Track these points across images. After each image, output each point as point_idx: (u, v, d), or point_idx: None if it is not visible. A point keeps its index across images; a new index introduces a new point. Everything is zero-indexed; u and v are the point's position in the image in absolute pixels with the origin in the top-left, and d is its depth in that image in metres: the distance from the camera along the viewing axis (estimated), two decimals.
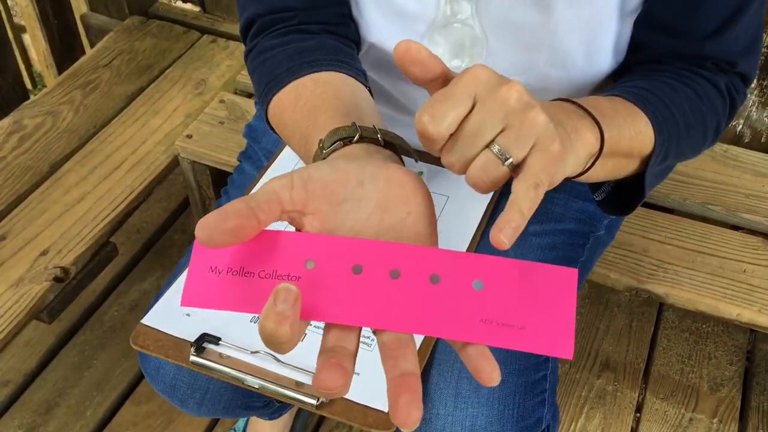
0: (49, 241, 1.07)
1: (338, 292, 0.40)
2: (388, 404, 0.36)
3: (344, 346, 0.37)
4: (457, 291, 0.40)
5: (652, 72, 0.62)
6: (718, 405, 1.29)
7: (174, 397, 0.72)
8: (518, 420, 0.64)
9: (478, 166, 0.40)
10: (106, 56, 1.41)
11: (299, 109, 0.54)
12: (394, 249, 0.41)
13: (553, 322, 0.40)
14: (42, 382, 1.30)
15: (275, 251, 0.41)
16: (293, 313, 0.35)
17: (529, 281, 0.40)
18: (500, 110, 0.39)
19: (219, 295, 0.41)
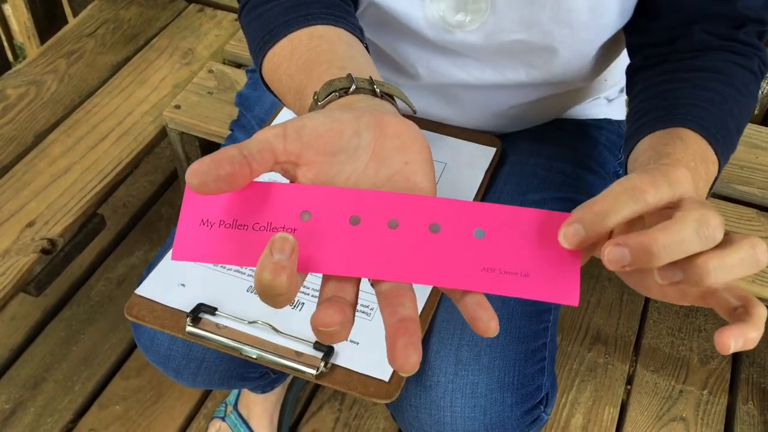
0: (36, 213, 1.05)
1: (336, 244, 0.39)
2: (387, 350, 0.35)
3: (342, 296, 0.36)
4: (458, 240, 0.39)
5: (695, 71, 0.61)
6: (708, 377, 1.30)
7: (169, 368, 0.71)
8: (518, 387, 0.64)
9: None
10: (90, 25, 1.37)
11: (294, 63, 0.52)
12: (392, 199, 0.40)
13: (558, 269, 0.39)
14: (29, 356, 1.28)
15: (269, 203, 0.40)
16: (290, 264, 0.34)
17: (532, 228, 0.40)
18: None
19: (211, 248, 0.40)
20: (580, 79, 0.73)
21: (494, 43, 0.66)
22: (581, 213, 0.38)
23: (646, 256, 0.36)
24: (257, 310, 0.62)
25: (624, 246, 0.36)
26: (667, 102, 0.59)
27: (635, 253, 0.36)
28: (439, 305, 0.66)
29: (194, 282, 0.64)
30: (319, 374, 0.57)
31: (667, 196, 0.38)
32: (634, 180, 0.37)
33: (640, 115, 0.59)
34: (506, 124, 0.81)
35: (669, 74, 0.62)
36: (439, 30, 0.65)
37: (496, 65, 0.69)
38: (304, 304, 0.63)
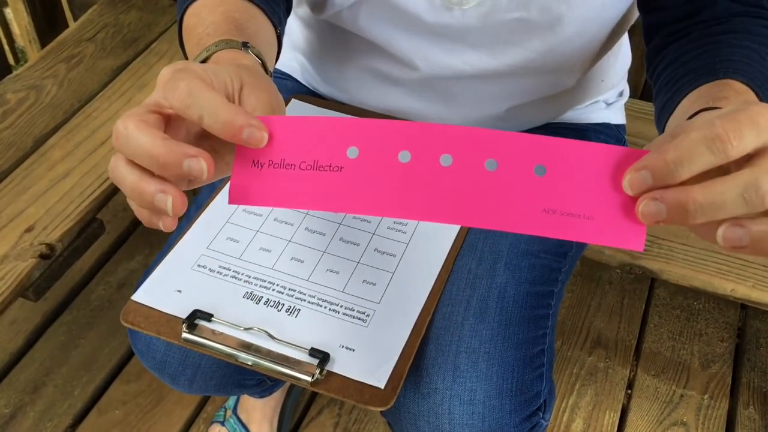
0: (35, 218, 1.05)
1: (385, 183, 0.37)
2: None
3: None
4: (517, 178, 0.37)
5: (726, 33, 0.59)
6: (708, 381, 1.30)
7: (165, 374, 0.71)
8: (517, 394, 0.64)
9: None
10: (90, 29, 1.37)
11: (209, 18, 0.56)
12: (445, 132, 0.37)
13: (624, 211, 0.36)
14: (29, 361, 1.29)
15: (316, 139, 0.39)
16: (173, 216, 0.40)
17: (599, 166, 0.37)
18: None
19: (263, 191, 0.39)
20: (578, 67, 0.73)
21: (492, 23, 0.65)
22: (652, 160, 0.36)
23: (682, 214, 0.34)
24: (253, 316, 0.62)
25: (661, 201, 0.35)
26: (705, 61, 0.57)
27: (671, 210, 0.35)
28: (436, 312, 0.65)
29: (190, 288, 0.64)
30: (314, 381, 0.57)
31: (753, 146, 0.35)
32: (717, 127, 0.35)
33: (677, 79, 0.57)
34: (504, 126, 0.80)
35: (699, 40, 0.60)
36: (438, 9, 0.65)
37: (493, 51, 0.68)
38: (300, 310, 0.62)
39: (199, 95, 0.40)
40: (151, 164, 0.39)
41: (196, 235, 0.69)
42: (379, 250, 0.68)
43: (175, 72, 0.41)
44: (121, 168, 0.40)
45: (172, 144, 0.39)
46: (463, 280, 0.67)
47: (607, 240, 0.37)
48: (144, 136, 0.39)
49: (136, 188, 0.40)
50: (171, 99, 0.40)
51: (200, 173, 0.39)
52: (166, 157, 0.38)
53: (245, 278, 0.65)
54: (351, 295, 0.64)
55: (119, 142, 0.40)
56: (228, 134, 0.40)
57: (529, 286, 0.68)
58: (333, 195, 0.39)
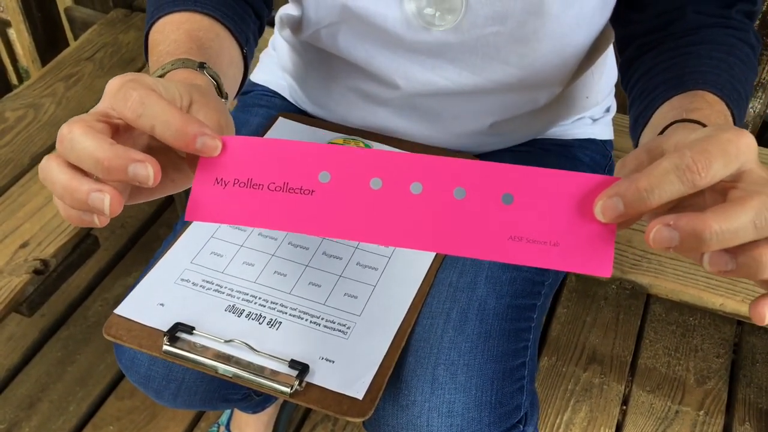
0: (29, 234, 1.06)
1: (356, 208, 0.38)
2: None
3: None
4: (484, 206, 0.37)
5: (695, 45, 0.60)
6: (704, 397, 1.29)
7: (149, 389, 0.71)
8: (496, 406, 0.64)
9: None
10: (89, 49, 1.39)
11: (174, 33, 0.57)
12: (415, 160, 0.38)
13: (590, 237, 0.37)
14: (25, 377, 1.29)
15: (286, 162, 0.39)
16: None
17: (565, 194, 0.37)
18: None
19: (225, 208, 0.39)
20: (557, 82, 0.73)
21: (470, 39, 0.66)
22: (623, 188, 0.36)
23: (696, 242, 0.34)
24: (235, 329, 0.62)
25: (674, 228, 0.35)
26: (675, 72, 0.58)
27: (685, 237, 0.34)
28: (417, 324, 0.66)
29: (173, 301, 0.65)
30: (293, 393, 0.58)
31: (720, 176, 0.36)
32: (687, 158, 0.35)
33: (650, 91, 0.58)
34: (488, 143, 0.81)
35: (670, 52, 0.61)
36: (416, 29, 0.66)
37: (472, 67, 0.69)
38: (281, 323, 0.63)
39: (150, 104, 0.39)
40: (96, 168, 0.38)
41: (180, 249, 0.70)
42: (361, 264, 0.68)
43: (126, 82, 0.41)
44: (53, 167, 0.39)
45: (118, 148, 0.38)
46: (444, 292, 0.68)
47: (573, 266, 0.37)
48: (89, 140, 0.38)
49: (67, 187, 0.39)
50: (122, 108, 0.40)
51: (146, 179, 0.38)
52: (111, 161, 0.38)
53: (228, 292, 0.66)
54: (332, 307, 0.65)
55: (63, 146, 0.39)
56: (181, 143, 0.39)
57: (510, 299, 0.69)
58: (302, 217, 0.40)
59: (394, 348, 0.62)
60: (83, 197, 0.38)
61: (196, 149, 0.40)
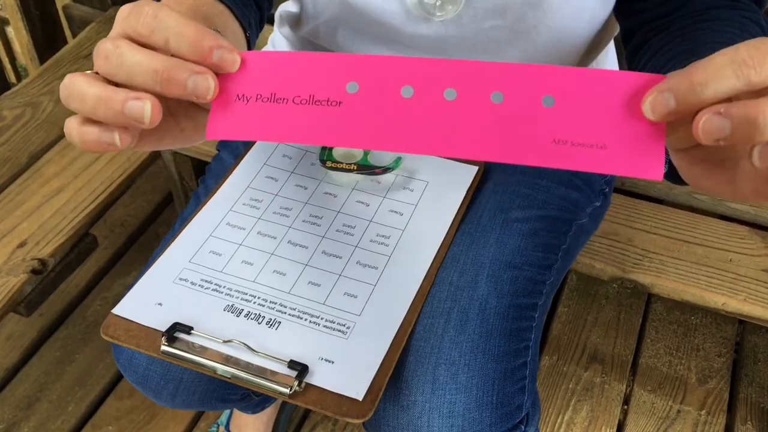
0: (27, 233, 1.05)
1: (387, 117, 0.36)
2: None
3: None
4: (524, 109, 0.35)
5: (707, 22, 0.59)
6: (706, 397, 1.29)
7: (147, 389, 0.71)
8: (497, 407, 0.63)
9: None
10: (87, 47, 1.39)
11: None
12: (448, 65, 0.36)
13: (639, 138, 0.35)
14: (23, 377, 1.29)
15: (311, 74, 0.37)
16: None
17: (610, 94, 0.35)
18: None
19: (248, 124, 0.37)
20: None
21: (469, 33, 0.65)
22: (675, 81, 0.34)
23: (750, 129, 0.32)
24: (233, 329, 0.62)
25: (725, 116, 0.33)
26: (689, 45, 0.56)
27: (737, 126, 0.33)
28: (417, 323, 0.65)
29: (171, 301, 0.64)
30: (292, 393, 0.57)
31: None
32: (742, 52, 0.34)
33: (662, 65, 0.57)
34: None
35: (681, 30, 0.59)
36: (415, 20, 0.65)
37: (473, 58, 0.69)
38: (280, 323, 0.62)
39: (164, 17, 0.37)
40: (154, 79, 0.36)
41: (179, 248, 0.69)
42: (361, 263, 0.68)
43: (138, 2, 0.39)
44: (81, 81, 0.37)
45: (174, 59, 0.37)
46: (445, 292, 0.67)
47: (622, 169, 0.35)
48: (141, 53, 0.37)
49: (101, 96, 0.36)
50: (134, 25, 0.38)
51: (206, 91, 0.37)
52: (170, 72, 0.36)
53: (227, 291, 0.65)
54: (332, 307, 0.64)
55: (110, 62, 0.37)
56: (197, 55, 0.37)
57: (511, 298, 0.68)
58: (331, 129, 0.38)
59: (394, 348, 0.61)
60: (119, 106, 0.36)
61: (213, 63, 0.38)
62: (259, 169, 0.76)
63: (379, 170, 0.74)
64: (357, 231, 0.70)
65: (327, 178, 0.75)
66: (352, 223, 0.71)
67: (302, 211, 0.72)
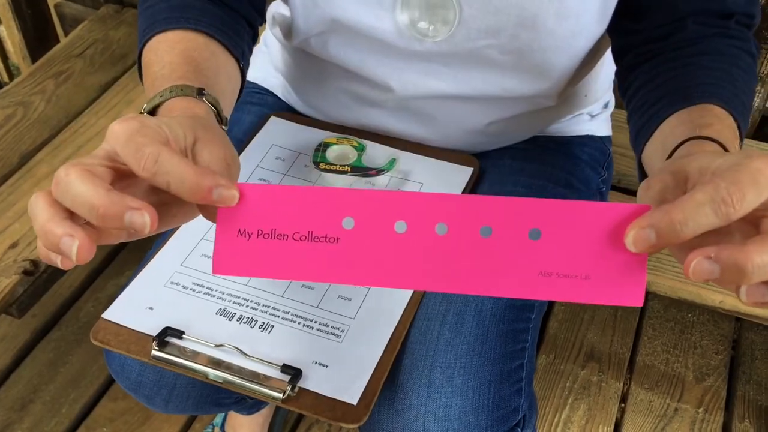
0: (19, 234, 1.04)
1: (383, 253, 0.38)
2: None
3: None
4: (512, 243, 0.37)
5: (697, 55, 0.60)
6: (703, 394, 1.28)
7: (140, 394, 0.70)
8: (493, 409, 0.63)
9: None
10: (79, 45, 1.37)
11: (167, 56, 0.56)
12: (438, 200, 0.38)
13: (621, 268, 0.37)
14: (17, 378, 1.28)
15: (308, 209, 0.38)
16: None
17: (593, 225, 0.37)
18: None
19: (251, 261, 0.39)
20: (554, 91, 0.72)
21: (463, 50, 0.65)
22: (656, 219, 0.36)
23: (738, 274, 0.34)
24: (225, 333, 0.61)
25: (715, 261, 0.34)
26: (679, 85, 0.57)
27: (726, 270, 0.34)
28: (412, 326, 0.64)
29: (162, 305, 0.63)
30: (285, 398, 0.56)
31: (753, 206, 0.36)
32: (722, 190, 0.35)
33: (652, 103, 0.58)
34: (485, 142, 0.80)
35: (671, 62, 0.60)
36: (408, 40, 0.65)
37: (468, 73, 0.68)
38: (273, 326, 0.62)
39: (164, 162, 0.38)
40: (91, 214, 0.37)
41: (170, 252, 0.68)
42: None
43: (134, 133, 0.40)
44: (38, 203, 0.39)
45: (114, 195, 0.37)
46: (440, 294, 0.66)
47: (605, 298, 0.37)
48: (85, 185, 0.37)
49: (43, 227, 0.38)
50: (134, 165, 0.39)
51: (142, 227, 0.37)
52: (107, 209, 0.37)
53: (219, 295, 0.64)
54: (326, 310, 0.63)
55: (58, 189, 0.38)
56: (197, 197, 0.39)
57: (507, 299, 0.67)
58: (330, 266, 0.40)
59: (388, 352, 0.60)
60: (55, 240, 0.37)
61: (214, 201, 0.39)
62: (251, 171, 0.75)
63: (373, 172, 0.73)
64: None
65: (320, 180, 0.74)
66: None
67: None
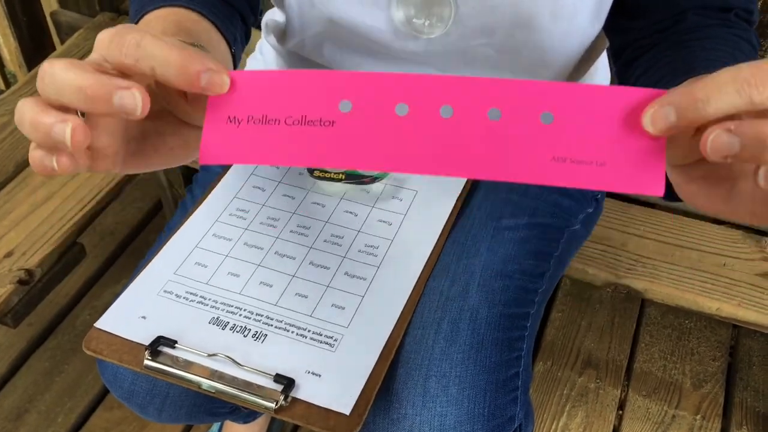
0: (14, 243, 1.04)
1: (381, 136, 0.36)
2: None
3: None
4: (522, 126, 0.35)
5: (699, 40, 0.59)
6: (701, 401, 1.28)
7: (133, 404, 0.69)
8: (489, 419, 0.62)
9: None
10: (75, 53, 1.37)
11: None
12: (443, 82, 0.36)
13: (638, 154, 0.35)
14: (12, 387, 1.27)
15: (302, 93, 0.36)
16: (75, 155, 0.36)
17: (609, 109, 0.35)
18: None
19: (240, 147, 0.37)
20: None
21: (457, 50, 0.65)
22: (677, 96, 0.34)
23: (760, 148, 0.32)
24: (218, 342, 0.60)
25: (736, 133, 0.33)
26: (682, 62, 0.56)
27: (747, 144, 0.32)
28: (407, 335, 0.64)
29: (156, 314, 0.63)
30: (278, 408, 0.56)
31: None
32: (745, 71, 0.33)
33: (655, 82, 0.57)
34: None
35: (673, 46, 0.59)
36: (403, 37, 0.65)
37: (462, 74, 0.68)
38: (266, 335, 0.61)
39: (148, 45, 0.36)
40: (78, 97, 0.35)
41: (164, 260, 0.68)
42: (349, 274, 0.67)
43: (117, 31, 0.38)
44: (26, 103, 0.36)
45: (101, 76, 0.35)
46: (435, 302, 0.66)
47: (623, 185, 0.35)
48: (71, 71, 0.35)
49: (33, 121, 0.36)
50: (117, 55, 0.37)
51: (134, 107, 0.35)
52: (94, 89, 0.35)
53: (212, 303, 0.64)
54: (319, 319, 0.63)
55: (42, 82, 0.36)
56: (184, 81, 0.36)
57: (502, 307, 0.67)
58: (325, 150, 0.37)
59: (382, 361, 0.60)
60: (47, 130, 0.35)
61: (202, 87, 0.37)
62: (246, 178, 0.75)
63: (368, 179, 0.73)
64: (345, 241, 0.69)
65: (315, 188, 0.74)
66: (341, 233, 0.70)
67: (290, 221, 0.71)
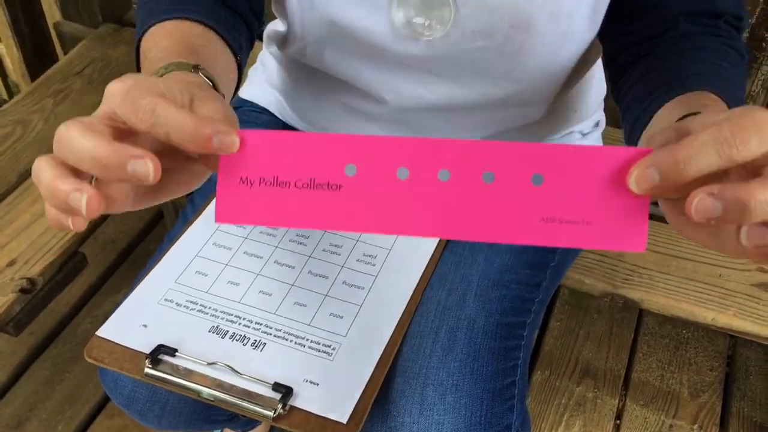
0: (17, 252, 1.05)
1: (385, 200, 0.38)
2: None
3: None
4: (514, 188, 0.37)
5: (690, 50, 0.60)
6: (698, 411, 1.28)
7: (133, 411, 0.70)
8: (486, 427, 0.63)
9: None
10: (78, 64, 1.39)
11: (165, 42, 0.56)
12: (440, 146, 0.37)
13: (623, 212, 0.37)
14: (13, 396, 1.28)
15: (310, 156, 0.38)
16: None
17: (595, 168, 0.37)
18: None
19: (254, 209, 0.39)
20: (545, 98, 0.73)
21: (456, 52, 0.66)
22: (659, 158, 0.36)
23: (741, 212, 0.34)
24: (218, 350, 0.61)
25: (718, 198, 0.34)
26: (675, 75, 0.58)
27: (729, 208, 0.34)
28: (404, 344, 0.65)
29: (156, 323, 0.64)
30: (276, 416, 0.57)
31: (755, 153, 0.35)
32: (725, 131, 0.35)
33: (648, 93, 0.58)
34: None
35: (667, 56, 0.61)
36: (403, 40, 0.66)
37: (461, 81, 0.69)
38: (265, 344, 0.62)
39: (162, 112, 0.38)
40: (94, 166, 0.37)
41: (164, 269, 0.69)
42: (348, 283, 0.68)
43: (130, 89, 0.39)
44: (43, 166, 0.38)
45: (116, 145, 0.37)
46: (432, 311, 0.67)
47: (608, 243, 0.37)
48: (87, 138, 0.37)
49: (50, 186, 0.38)
50: (131, 118, 0.39)
51: (146, 175, 0.37)
52: (109, 158, 0.37)
53: (212, 312, 0.65)
54: (317, 328, 0.64)
55: (60, 146, 0.38)
56: (198, 145, 0.38)
57: (499, 317, 0.68)
58: (333, 214, 0.39)
59: (379, 370, 0.61)
60: (63, 197, 0.37)
61: (214, 148, 0.38)
62: None
63: None
64: (343, 250, 0.70)
65: None
66: (339, 243, 0.71)
67: (289, 230, 0.72)
